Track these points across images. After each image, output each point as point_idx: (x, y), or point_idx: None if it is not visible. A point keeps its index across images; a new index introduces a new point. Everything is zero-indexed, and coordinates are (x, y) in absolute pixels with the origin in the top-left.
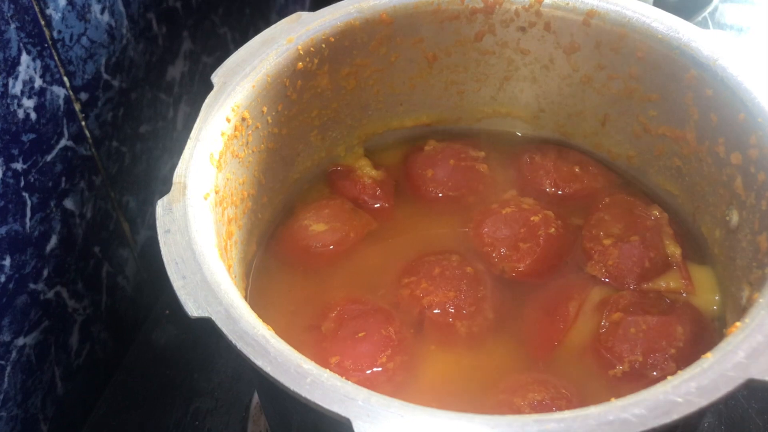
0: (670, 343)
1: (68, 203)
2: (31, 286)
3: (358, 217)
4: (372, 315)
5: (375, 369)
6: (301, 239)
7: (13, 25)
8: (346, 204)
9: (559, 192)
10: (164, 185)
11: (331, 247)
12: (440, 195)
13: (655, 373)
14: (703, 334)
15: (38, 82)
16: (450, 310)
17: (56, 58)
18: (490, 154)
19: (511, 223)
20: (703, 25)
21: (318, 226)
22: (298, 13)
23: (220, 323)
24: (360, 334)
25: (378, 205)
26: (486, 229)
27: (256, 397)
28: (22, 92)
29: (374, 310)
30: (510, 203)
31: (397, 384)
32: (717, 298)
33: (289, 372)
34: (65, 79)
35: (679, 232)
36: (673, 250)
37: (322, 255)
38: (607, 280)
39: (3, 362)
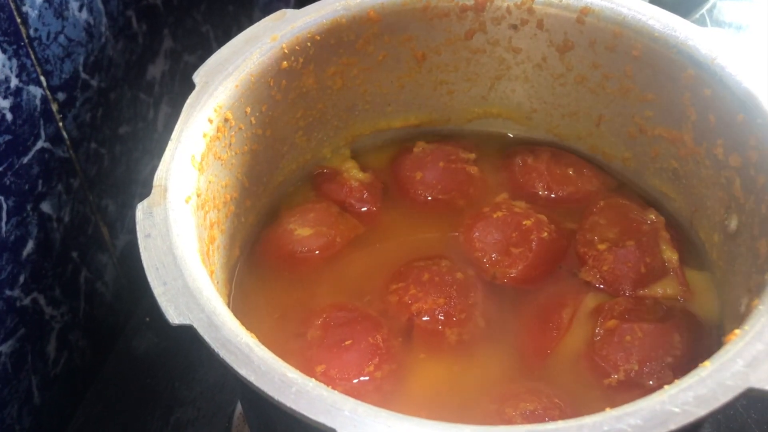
0: (667, 351)
1: (45, 207)
2: (7, 292)
3: (345, 221)
4: (359, 322)
5: (362, 378)
6: (286, 244)
7: None
8: (332, 207)
9: (552, 195)
10: (144, 188)
11: (317, 252)
12: (429, 198)
13: (651, 383)
14: (701, 342)
15: (14, 82)
16: (439, 317)
17: (33, 56)
18: (481, 156)
19: (503, 228)
20: (701, 22)
21: (303, 231)
22: (283, 10)
23: (202, 331)
24: (347, 342)
25: (365, 208)
26: (477, 234)
27: (239, 407)
28: None
29: (361, 318)
30: (501, 207)
31: (385, 393)
32: (715, 304)
33: (274, 381)
34: (42, 78)
35: (676, 236)
36: (670, 255)
37: (307, 260)
38: (601, 286)
39: None
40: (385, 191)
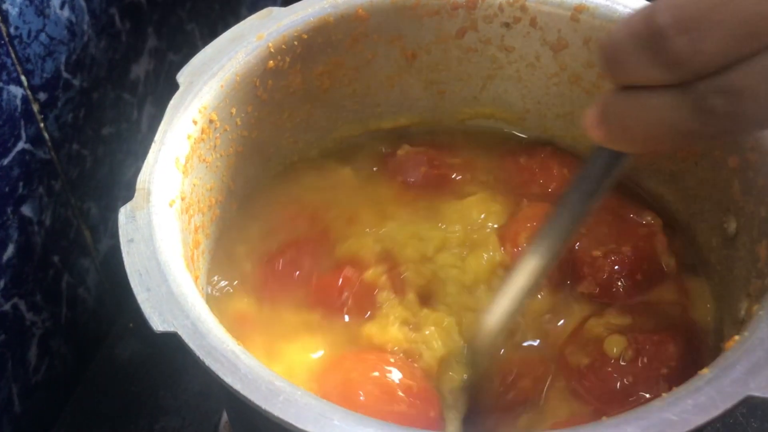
0: (662, 362)
1: (26, 210)
2: None
3: None
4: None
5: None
6: None
7: None
8: None
9: (549, 191)
10: (128, 191)
11: None
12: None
13: (647, 395)
14: (699, 349)
15: None
16: None
17: (13, 55)
18: (473, 157)
19: None
20: None
21: None
22: (269, 8)
23: (186, 338)
24: None
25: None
26: None
27: (225, 416)
28: None
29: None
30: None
31: None
32: (713, 310)
33: (261, 390)
34: (23, 78)
35: (673, 240)
36: (668, 259)
37: None
38: (596, 294)
39: None
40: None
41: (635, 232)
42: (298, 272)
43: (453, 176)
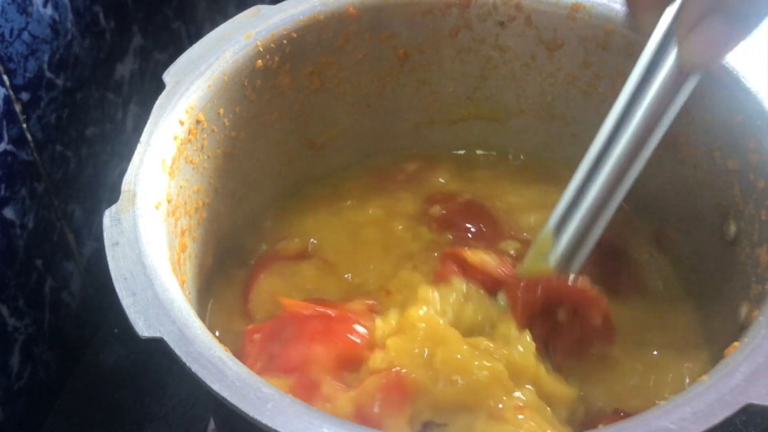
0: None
1: (8, 212)
2: None
3: None
4: None
5: None
6: None
7: None
8: None
9: None
10: (112, 193)
11: None
12: None
13: None
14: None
15: None
16: None
17: None
18: None
19: None
20: None
21: None
22: (258, 6)
23: (173, 344)
24: None
25: None
26: None
27: (212, 424)
28: None
29: None
30: None
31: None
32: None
33: (249, 397)
34: (5, 77)
35: (670, 244)
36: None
37: None
38: None
39: None
40: None
41: None
42: None
43: None
